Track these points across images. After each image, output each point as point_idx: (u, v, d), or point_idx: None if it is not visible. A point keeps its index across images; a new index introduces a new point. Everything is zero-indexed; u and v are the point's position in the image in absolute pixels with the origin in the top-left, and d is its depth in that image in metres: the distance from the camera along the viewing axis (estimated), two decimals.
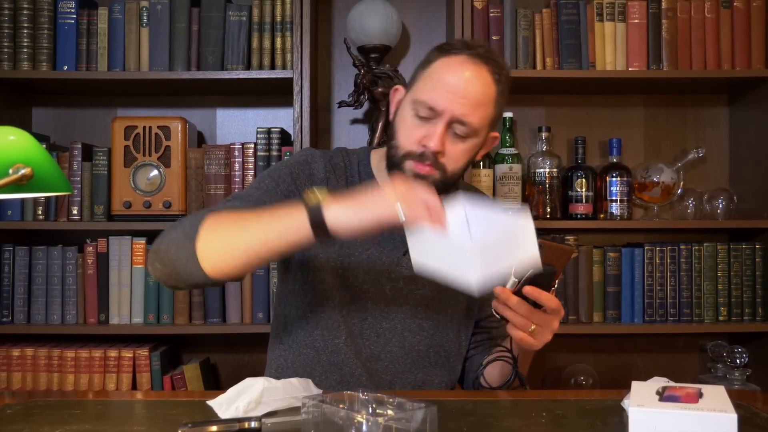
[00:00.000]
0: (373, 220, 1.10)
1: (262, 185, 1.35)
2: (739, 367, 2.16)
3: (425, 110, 1.29)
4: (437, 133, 1.28)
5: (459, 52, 1.31)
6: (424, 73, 1.33)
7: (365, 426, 0.89)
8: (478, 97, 1.29)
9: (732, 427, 0.84)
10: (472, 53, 1.30)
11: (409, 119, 1.31)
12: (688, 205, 2.32)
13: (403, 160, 1.32)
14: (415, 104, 1.30)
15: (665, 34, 2.19)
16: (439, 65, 1.31)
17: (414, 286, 1.40)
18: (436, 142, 1.28)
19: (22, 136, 1.17)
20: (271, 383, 1.12)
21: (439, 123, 1.28)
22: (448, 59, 1.31)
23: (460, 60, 1.30)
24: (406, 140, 1.32)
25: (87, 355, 2.13)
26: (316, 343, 1.38)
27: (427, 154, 1.29)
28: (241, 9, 2.17)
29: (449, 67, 1.30)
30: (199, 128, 2.40)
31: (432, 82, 1.30)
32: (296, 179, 1.37)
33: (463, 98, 1.28)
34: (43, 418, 1.09)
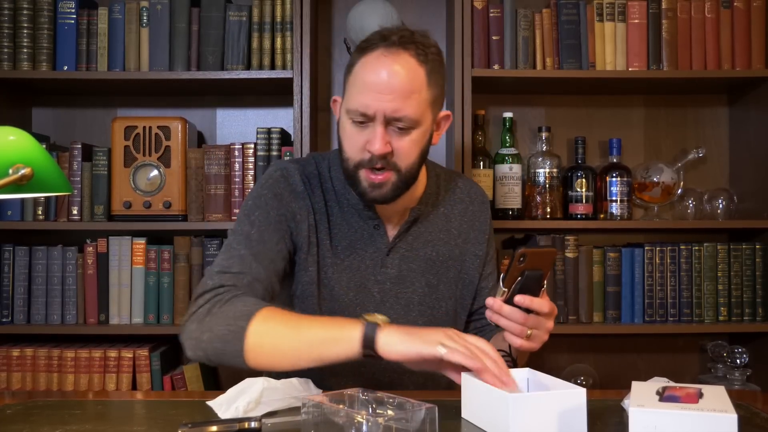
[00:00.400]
0: (415, 354, 1.09)
1: (254, 220, 1.34)
2: (739, 367, 2.16)
3: (358, 116, 1.27)
4: (377, 136, 1.26)
5: (374, 47, 1.28)
6: (349, 80, 1.31)
7: (365, 426, 0.89)
8: (404, 86, 1.26)
9: (732, 428, 0.84)
10: (387, 44, 1.27)
11: (348, 129, 1.30)
12: (688, 205, 2.32)
13: (356, 171, 1.31)
14: (349, 113, 1.29)
15: (665, 34, 2.19)
16: (359, 67, 1.29)
17: (402, 285, 1.40)
18: (379, 145, 1.26)
19: (22, 136, 1.17)
20: (271, 383, 1.12)
21: (376, 125, 1.27)
22: (366, 58, 1.28)
23: (376, 55, 1.27)
24: (351, 150, 1.30)
25: (87, 355, 2.13)
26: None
27: (375, 158, 1.28)
28: (241, 9, 2.17)
29: (368, 67, 1.27)
30: (199, 128, 2.40)
31: (357, 87, 1.28)
32: (281, 199, 1.37)
33: (390, 94, 1.25)
34: (43, 418, 1.09)
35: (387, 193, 1.32)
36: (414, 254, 1.43)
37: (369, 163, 1.29)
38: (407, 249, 1.42)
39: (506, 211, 2.23)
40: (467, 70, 2.13)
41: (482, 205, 1.53)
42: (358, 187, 1.32)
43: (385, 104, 1.25)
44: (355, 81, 1.29)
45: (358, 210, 1.40)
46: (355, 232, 1.40)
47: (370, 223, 1.40)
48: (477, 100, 2.20)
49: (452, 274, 1.46)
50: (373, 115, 1.26)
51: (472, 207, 1.51)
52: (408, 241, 1.43)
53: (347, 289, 1.38)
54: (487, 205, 1.55)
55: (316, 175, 1.42)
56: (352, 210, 1.40)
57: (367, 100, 1.25)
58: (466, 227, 1.49)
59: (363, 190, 1.32)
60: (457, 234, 1.48)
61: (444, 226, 1.47)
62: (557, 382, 1.05)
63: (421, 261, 1.43)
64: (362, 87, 1.27)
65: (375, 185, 1.30)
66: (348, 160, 1.32)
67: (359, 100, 1.26)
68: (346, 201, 1.40)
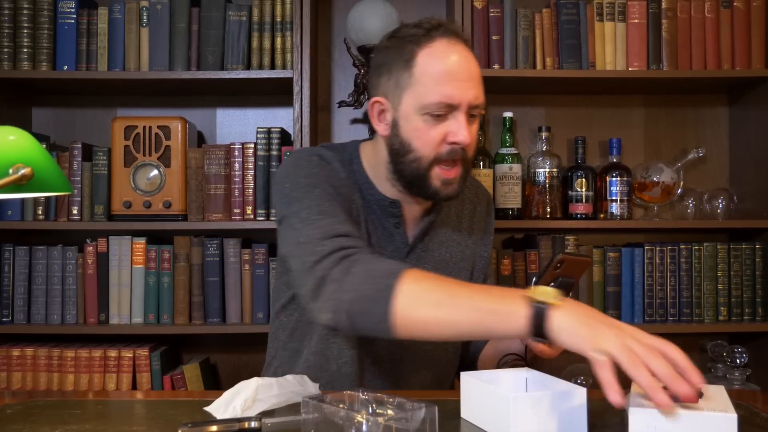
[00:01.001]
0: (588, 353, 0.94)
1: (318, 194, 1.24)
2: (739, 367, 2.16)
3: (441, 109, 1.23)
4: (463, 126, 1.24)
5: (431, 37, 1.25)
6: (414, 74, 1.25)
7: (365, 426, 0.89)
8: (478, 73, 1.27)
9: (732, 427, 0.84)
10: (444, 33, 1.26)
11: (422, 126, 1.25)
12: (688, 205, 2.32)
13: (429, 170, 1.27)
14: (426, 108, 1.24)
15: (665, 34, 2.19)
16: (426, 59, 1.24)
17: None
18: (465, 135, 1.24)
19: (22, 136, 1.17)
20: (265, 380, 1.12)
21: (459, 115, 1.24)
22: (430, 49, 1.25)
23: (444, 44, 1.25)
24: (426, 147, 1.26)
25: (87, 355, 2.13)
26: (329, 350, 1.34)
27: (456, 150, 1.25)
28: (241, 9, 2.17)
29: (440, 56, 1.24)
30: (199, 128, 2.40)
31: (432, 78, 1.23)
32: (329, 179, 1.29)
33: (470, 81, 1.24)
34: (43, 418, 1.09)
35: (457, 188, 1.30)
36: (429, 255, 1.40)
37: (448, 155, 1.26)
38: (423, 250, 1.40)
39: (506, 210, 2.23)
40: None
41: (488, 206, 1.54)
42: (429, 188, 1.28)
43: (468, 92, 1.23)
44: (428, 73, 1.24)
45: (382, 206, 1.35)
46: (376, 229, 1.36)
47: (391, 221, 1.36)
48: None
49: (463, 276, 1.44)
50: (458, 104, 1.23)
51: (480, 208, 1.51)
52: (425, 242, 1.40)
53: None
54: (492, 207, 1.56)
55: (346, 163, 1.36)
56: (376, 206, 1.36)
57: (450, 90, 1.22)
58: (475, 228, 1.48)
59: (435, 188, 1.28)
60: (467, 235, 1.47)
61: (456, 226, 1.45)
62: (557, 382, 1.05)
63: (435, 262, 1.40)
64: (440, 78, 1.23)
65: (448, 181, 1.28)
66: (420, 159, 1.27)
67: (441, 92, 1.22)
68: (370, 196, 1.36)
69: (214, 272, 2.17)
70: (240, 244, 2.18)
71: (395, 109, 1.28)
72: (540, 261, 2.20)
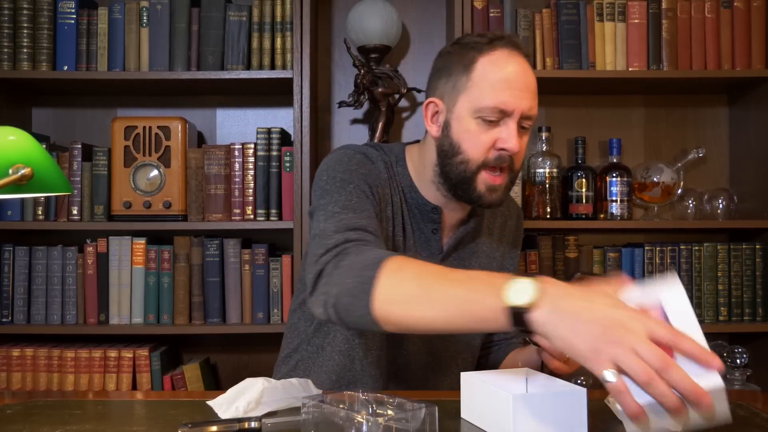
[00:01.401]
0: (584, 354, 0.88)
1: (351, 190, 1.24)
2: (739, 367, 2.16)
3: (495, 114, 1.25)
4: (513, 134, 1.26)
5: (493, 46, 1.28)
6: (472, 78, 1.27)
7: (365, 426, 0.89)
8: (534, 85, 1.29)
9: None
10: (507, 44, 1.28)
11: (473, 129, 1.27)
12: (688, 205, 2.32)
13: (476, 174, 1.28)
14: (480, 111, 1.25)
15: (665, 34, 2.19)
16: (486, 65, 1.27)
17: None
18: (515, 143, 1.25)
19: (22, 136, 1.17)
20: (271, 383, 1.12)
21: (511, 122, 1.26)
22: (491, 56, 1.27)
23: (505, 54, 1.27)
24: (476, 151, 1.27)
25: (87, 355, 2.13)
26: (355, 351, 1.34)
27: (504, 156, 1.27)
28: (241, 9, 2.17)
29: (501, 64, 1.26)
30: (199, 128, 2.40)
31: (490, 83, 1.26)
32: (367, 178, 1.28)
33: (526, 91, 1.26)
34: (43, 418, 1.09)
35: (501, 196, 1.31)
36: (460, 264, 1.40)
37: (496, 161, 1.27)
38: (455, 258, 1.41)
39: None
40: None
41: (518, 220, 1.54)
42: (474, 192, 1.29)
43: (523, 102, 1.25)
44: (486, 78, 1.26)
45: (423, 211, 1.37)
46: (414, 232, 1.37)
47: (430, 226, 1.37)
48: None
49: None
50: (511, 111, 1.25)
51: (511, 221, 1.52)
52: (458, 251, 1.41)
53: None
54: (522, 221, 1.56)
55: (391, 165, 1.38)
56: (416, 210, 1.37)
57: (505, 97, 1.24)
58: (504, 241, 1.50)
59: (480, 194, 1.29)
60: (496, 247, 1.48)
61: (487, 238, 1.46)
62: (557, 382, 1.05)
63: None
64: (497, 84, 1.25)
65: (493, 188, 1.29)
66: (468, 162, 1.28)
67: (496, 97, 1.25)
68: (411, 199, 1.37)
69: (214, 272, 2.18)
70: (240, 244, 2.18)
71: (449, 110, 1.30)
72: (540, 261, 2.20)
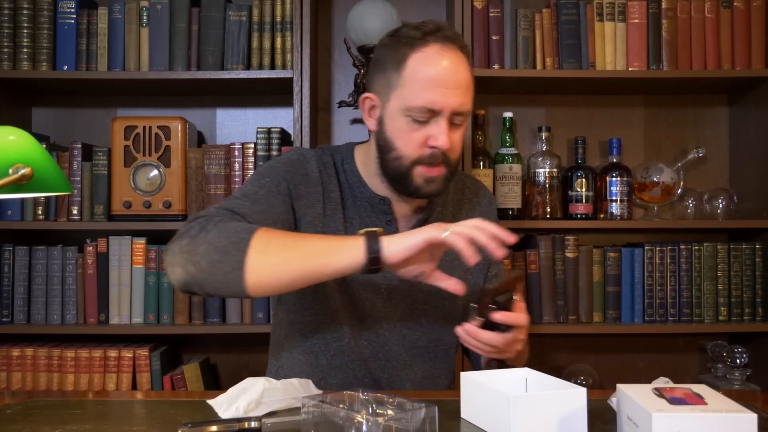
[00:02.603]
0: (422, 240, 1.13)
1: (264, 183, 1.32)
2: (739, 367, 2.16)
3: (423, 113, 1.27)
4: (443, 132, 1.27)
5: (425, 41, 1.27)
6: (403, 76, 1.28)
7: (365, 426, 0.89)
8: (467, 81, 1.29)
9: (752, 426, 0.85)
10: (440, 39, 1.27)
11: (405, 127, 1.29)
12: (688, 205, 2.32)
13: (411, 169, 1.30)
14: (409, 111, 1.27)
15: (665, 34, 2.19)
16: (416, 63, 1.27)
17: (408, 284, 1.39)
18: (445, 140, 1.27)
19: (22, 136, 1.17)
20: (272, 383, 1.12)
21: (441, 120, 1.27)
22: (422, 53, 1.27)
23: (436, 50, 1.27)
24: (408, 148, 1.29)
25: (87, 355, 2.13)
26: (317, 347, 1.38)
27: (437, 154, 1.28)
28: (241, 9, 2.17)
29: (430, 62, 1.26)
30: (199, 128, 2.40)
31: (419, 83, 1.26)
32: (293, 178, 1.35)
33: (457, 89, 1.26)
34: (43, 418, 1.09)
35: (440, 187, 1.33)
36: None
37: (429, 158, 1.29)
38: None
39: (506, 210, 2.23)
40: None
41: (489, 206, 1.54)
42: (411, 185, 1.31)
43: (452, 100, 1.26)
44: (415, 76, 1.27)
45: (372, 204, 1.39)
46: (367, 227, 1.37)
47: (383, 218, 1.39)
48: (477, 100, 2.17)
49: (457, 275, 1.44)
50: (440, 110, 1.26)
51: (480, 207, 1.52)
52: None
53: (356, 282, 1.37)
54: (494, 206, 1.56)
55: (332, 164, 1.41)
56: (366, 204, 1.39)
57: (434, 96, 1.25)
58: None
59: (417, 185, 1.31)
60: None
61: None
62: (557, 382, 1.05)
63: None
64: (427, 83, 1.26)
65: (431, 180, 1.30)
66: (402, 158, 1.30)
67: (426, 97, 1.25)
68: (360, 194, 1.39)
69: None
70: None
71: (383, 107, 1.32)
72: (540, 261, 2.20)
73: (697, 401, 0.89)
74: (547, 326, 2.19)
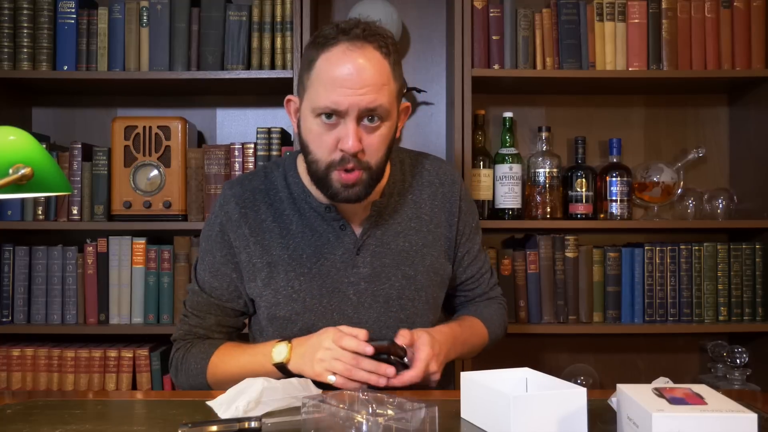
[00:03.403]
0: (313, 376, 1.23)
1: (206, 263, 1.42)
2: (739, 367, 2.16)
3: (329, 115, 1.24)
4: (350, 133, 1.23)
5: (335, 41, 1.25)
6: (311, 76, 1.26)
7: (365, 426, 0.89)
8: (375, 79, 1.24)
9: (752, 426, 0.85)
10: (350, 38, 1.24)
11: (315, 129, 1.26)
12: (688, 205, 2.32)
13: (327, 173, 1.27)
14: (315, 112, 1.25)
15: (665, 34, 2.19)
16: (322, 63, 1.25)
17: (378, 282, 1.37)
18: (352, 142, 1.23)
19: (22, 136, 1.17)
20: (271, 383, 1.12)
21: (349, 121, 1.24)
22: (329, 54, 1.24)
23: (341, 50, 1.24)
24: (320, 152, 1.27)
25: (87, 355, 2.13)
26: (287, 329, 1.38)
27: (347, 156, 1.25)
28: (241, 9, 2.17)
29: (334, 62, 1.24)
30: (199, 128, 2.40)
31: (323, 83, 1.24)
32: (224, 234, 1.39)
33: (362, 88, 1.22)
34: (43, 418, 1.09)
35: (359, 192, 1.29)
36: (386, 249, 1.39)
37: (341, 163, 1.26)
38: (378, 244, 1.39)
39: (506, 211, 2.23)
40: (467, 70, 2.13)
41: (453, 186, 1.47)
42: (330, 189, 1.29)
43: (357, 98, 1.22)
44: (320, 78, 1.24)
45: (320, 213, 1.37)
46: (320, 237, 1.37)
47: (335, 225, 1.37)
48: (477, 100, 2.20)
49: (429, 262, 1.42)
50: (345, 110, 1.23)
51: (443, 189, 1.47)
52: (377, 236, 1.39)
53: (320, 296, 1.35)
54: (459, 185, 1.48)
55: (262, 189, 1.40)
56: (314, 214, 1.37)
57: (337, 96, 1.22)
58: (437, 211, 1.45)
59: (335, 191, 1.28)
60: (428, 219, 1.44)
61: (414, 213, 1.43)
62: (557, 382, 1.05)
63: (394, 254, 1.39)
64: (330, 83, 1.23)
65: (348, 185, 1.27)
66: (317, 162, 1.28)
67: (329, 98, 1.23)
68: (307, 206, 1.38)
69: None
70: None
71: (300, 108, 1.31)
72: (540, 261, 2.20)
73: (697, 401, 0.89)
74: (547, 326, 2.19)
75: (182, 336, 1.44)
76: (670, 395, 0.92)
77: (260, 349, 1.33)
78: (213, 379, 1.38)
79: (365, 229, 1.38)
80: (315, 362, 1.21)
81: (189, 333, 1.43)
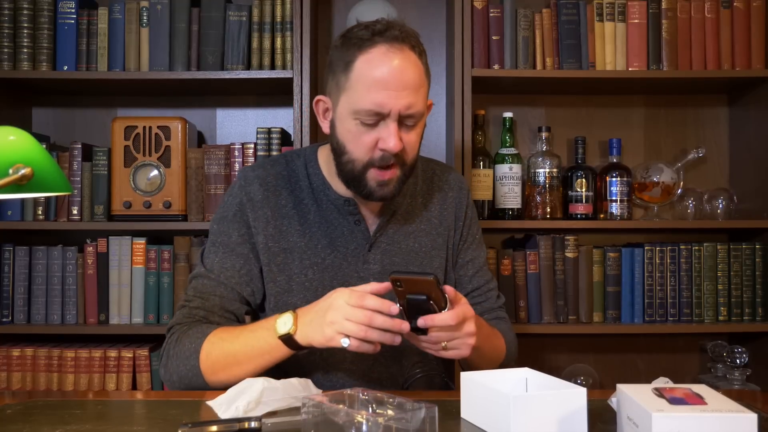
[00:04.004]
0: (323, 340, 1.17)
1: (219, 245, 1.37)
2: (739, 367, 2.16)
3: (371, 117, 1.25)
4: (393, 134, 1.25)
5: (372, 42, 1.26)
6: (350, 78, 1.26)
7: (365, 426, 0.89)
8: (415, 81, 1.26)
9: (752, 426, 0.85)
10: (388, 39, 1.25)
11: (355, 130, 1.27)
12: (688, 205, 2.32)
13: (364, 172, 1.29)
14: (357, 114, 1.26)
15: (665, 34, 2.19)
16: (362, 65, 1.25)
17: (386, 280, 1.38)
18: (395, 143, 1.25)
19: (22, 136, 1.17)
20: (271, 383, 1.12)
21: (390, 123, 1.25)
22: (369, 55, 1.25)
23: (382, 51, 1.25)
24: (359, 151, 1.28)
25: (87, 355, 2.13)
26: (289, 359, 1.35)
27: (387, 156, 1.27)
28: (241, 9, 2.17)
29: (376, 64, 1.25)
30: (199, 128, 2.40)
31: (365, 85, 1.25)
32: (243, 214, 1.37)
33: (404, 90, 1.24)
34: (43, 418, 1.09)
35: (394, 190, 1.32)
36: (396, 248, 1.41)
37: (381, 161, 1.28)
38: (389, 243, 1.41)
39: (506, 211, 2.23)
40: (467, 70, 2.13)
41: (461, 192, 1.51)
42: (365, 188, 1.31)
43: (400, 101, 1.24)
44: (361, 79, 1.25)
45: (337, 206, 1.39)
46: (335, 229, 1.39)
47: (350, 219, 1.39)
48: (477, 100, 2.20)
49: (437, 264, 1.45)
50: (387, 112, 1.24)
51: (452, 194, 1.50)
52: (389, 235, 1.41)
53: (331, 287, 1.33)
54: (466, 192, 1.52)
55: (284, 175, 1.41)
56: (332, 206, 1.39)
57: (381, 98, 1.24)
58: (446, 215, 1.48)
59: (371, 189, 1.30)
60: (438, 223, 1.47)
61: (425, 216, 1.46)
62: (557, 382, 1.05)
63: (404, 254, 1.41)
64: (372, 86, 1.24)
65: (383, 183, 1.29)
66: (354, 162, 1.29)
67: (372, 100, 1.24)
68: (325, 197, 1.39)
69: None
70: None
71: (334, 109, 1.32)
72: (540, 261, 2.20)
73: (697, 401, 0.89)
74: (547, 326, 2.19)
75: (179, 320, 1.36)
76: (670, 395, 0.92)
77: (262, 323, 1.27)
78: (207, 362, 1.27)
79: (379, 227, 1.40)
80: (325, 326, 1.15)
81: (188, 316, 1.35)
